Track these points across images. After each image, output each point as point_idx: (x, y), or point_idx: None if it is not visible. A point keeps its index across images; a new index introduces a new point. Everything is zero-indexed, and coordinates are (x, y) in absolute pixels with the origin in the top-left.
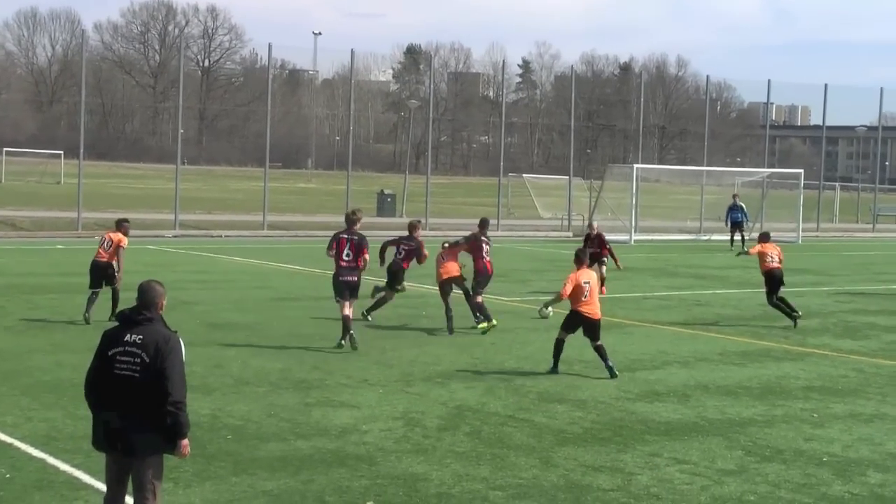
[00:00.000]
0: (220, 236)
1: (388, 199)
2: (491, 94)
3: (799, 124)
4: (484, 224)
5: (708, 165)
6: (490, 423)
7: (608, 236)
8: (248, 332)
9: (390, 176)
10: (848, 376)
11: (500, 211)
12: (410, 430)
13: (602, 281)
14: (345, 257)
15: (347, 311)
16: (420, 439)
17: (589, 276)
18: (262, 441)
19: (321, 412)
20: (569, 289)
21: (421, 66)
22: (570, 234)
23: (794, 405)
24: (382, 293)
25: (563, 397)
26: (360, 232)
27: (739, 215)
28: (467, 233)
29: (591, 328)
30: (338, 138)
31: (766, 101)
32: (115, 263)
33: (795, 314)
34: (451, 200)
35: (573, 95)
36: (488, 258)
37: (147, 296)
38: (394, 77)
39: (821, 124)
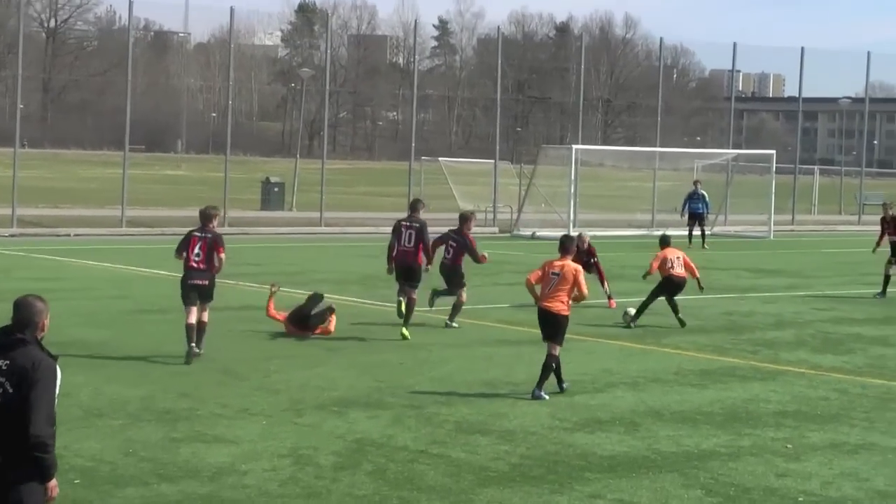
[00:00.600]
0: (69, 235)
1: (276, 189)
2: (401, 61)
3: (771, 96)
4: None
5: (662, 146)
6: (397, 460)
7: (541, 232)
8: (101, 352)
9: (278, 160)
10: (828, 398)
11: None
12: (300, 470)
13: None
14: (194, 258)
15: (193, 318)
16: (312, 481)
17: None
18: (118, 486)
19: (191, 449)
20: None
21: (316, 28)
22: (496, 229)
23: (765, 434)
24: (444, 296)
25: (485, 428)
26: (216, 230)
27: (700, 206)
28: (388, 228)
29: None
30: (214, 115)
31: (731, 68)
32: None
33: (681, 319)
34: (351, 190)
35: (500, 62)
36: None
37: (22, 313)
38: (283, 41)
39: (797, 96)
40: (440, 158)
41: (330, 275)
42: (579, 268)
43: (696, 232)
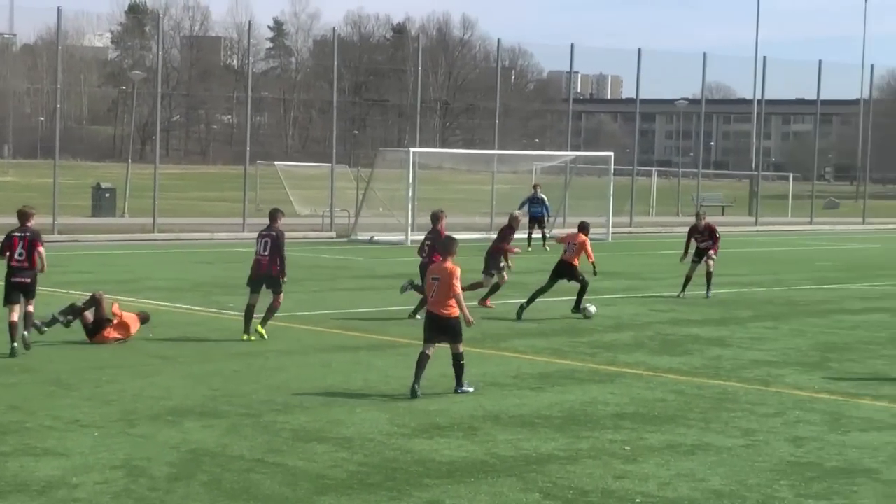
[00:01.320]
0: None
1: (107, 195)
2: (235, 63)
3: (609, 98)
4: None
5: (500, 148)
6: (233, 470)
7: (379, 236)
8: None
9: (109, 165)
10: (666, 400)
11: (247, 207)
12: (133, 482)
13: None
14: (17, 257)
15: (16, 316)
16: (145, 493)
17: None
18: None
19: (19, 463)
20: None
21: (147, 29)
22: (334, 233)
23: (603, 436)
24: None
25: (323, 435)
26: (34, 228)
27: (540, 209)
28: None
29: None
30: (42, 119)
31: (569, 70)
32: None
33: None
34: (185, 195)
35: (336, 64)
36: None
37: None
38: (113, 42)
39: (634, 98)
40: (276, 162)
41: (164, 282)
42: (455, 268)
43: (537, 235)
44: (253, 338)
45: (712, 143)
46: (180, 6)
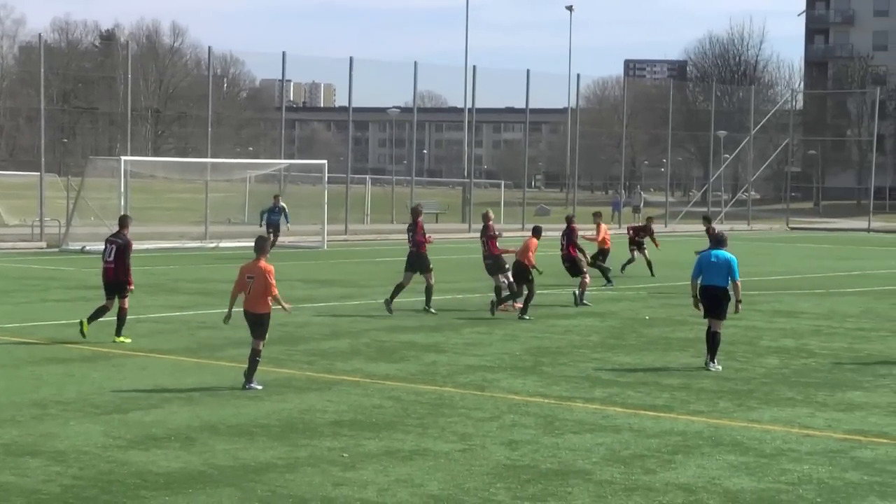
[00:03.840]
0: None
1: None
2: None
3: (322, 106)
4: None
5: (214, 156)
6: None
7: (91, 246)
8: None
9: None
10: (383, 406)
11: None
12: None
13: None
14: None
15: None
16: None
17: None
18: None
19: None
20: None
21: None
22: (44, 243)
23: (321, 444)
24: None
25: (36, 449)
26: None
27: (278, 218)
28: None
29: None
30: None
31: (281, 77)
32: None
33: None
34: None
35: (42, 71)
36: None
37: None
38: None
39: (347, 106)
40: None
41: None
42: (270, 267)
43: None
44: (125, 339)
45: (425, 151)
46: None
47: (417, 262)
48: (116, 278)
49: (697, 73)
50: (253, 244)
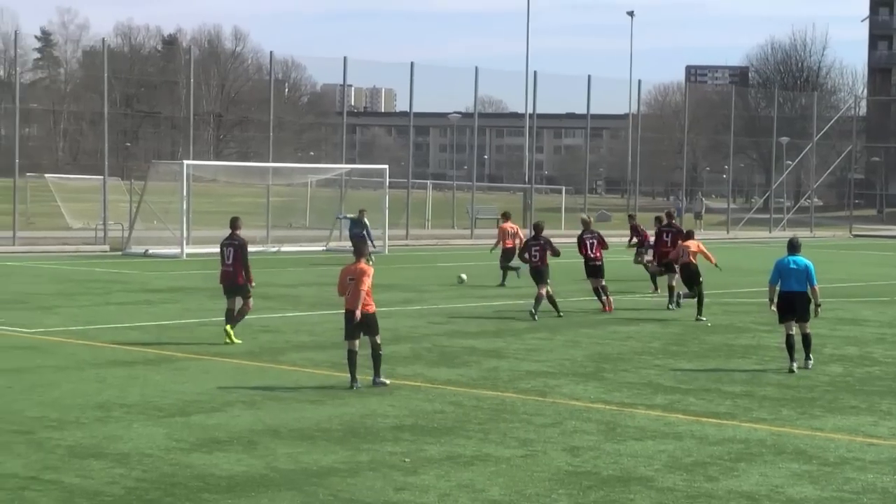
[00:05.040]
0: None
1: None
2: (1, 73)
3: (383, 111)
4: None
5: (275, 161)
6: (6, 488)
7: (153, 249)
8: None
9: None
10: (444, 411)
11: (17, 221)
12: None
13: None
14: None
15: None
16: None
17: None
18: None
19: None
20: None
21: None
22: (108, 247)
23: (383, 449)
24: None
25: (99, 451)
26: None
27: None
28: None
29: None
30: None
31: (342, 82)
32: None
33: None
34: None
35: (106, 75)
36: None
37: None
38: None
39: (408, 111)
40: (47, 175)
41: None
42: (368, 269)
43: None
44: (235, 340)
45: (486, 157)
46: None
47: (539, 275)
48: (236, 280)
49: (759, 78)
50: (353, 248)
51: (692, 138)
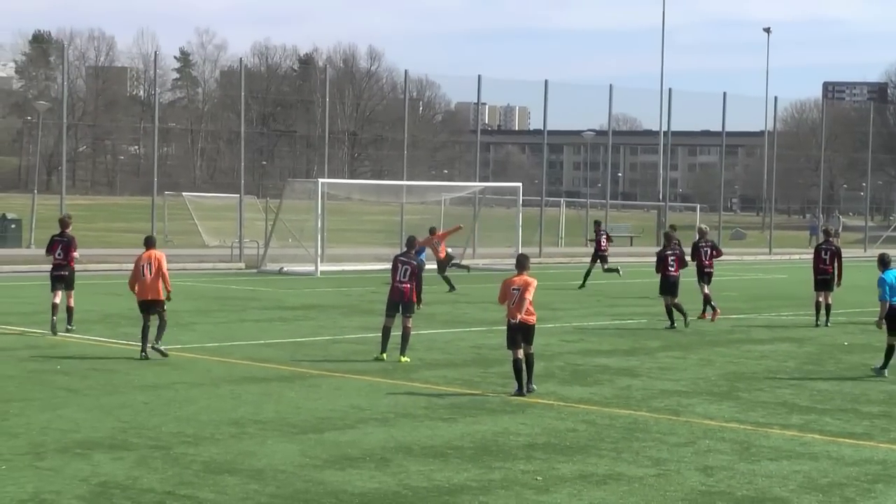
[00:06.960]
0: None
1: (13, 226)
2: (141, 93)
3: (517, 129)
4: None
5: (409, 179)
6: (143, 503)
7: (288, 267)
8: None
9: (15, 196)
10: (577, 430)
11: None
12: None
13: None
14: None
15: None
16: None
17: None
18: None
19: None
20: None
21: (52, 59)
22: (243, 264)
23: (515, 467)
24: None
25: (234, 467)
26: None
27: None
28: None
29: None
30: None
31: (476, 101)
32: None
33: None
34: (92, 226)
35: (243, 95)
36: None
37: None
38: (17, 72)
39: (542, 129)
40: (184, 193)
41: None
42: (533, 280)
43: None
44: (385, 356)
45: (620, 174)
46: (85, 36)
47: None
48: (409, 298)
49: None
50: (516, 261)
51: (829, 155)
